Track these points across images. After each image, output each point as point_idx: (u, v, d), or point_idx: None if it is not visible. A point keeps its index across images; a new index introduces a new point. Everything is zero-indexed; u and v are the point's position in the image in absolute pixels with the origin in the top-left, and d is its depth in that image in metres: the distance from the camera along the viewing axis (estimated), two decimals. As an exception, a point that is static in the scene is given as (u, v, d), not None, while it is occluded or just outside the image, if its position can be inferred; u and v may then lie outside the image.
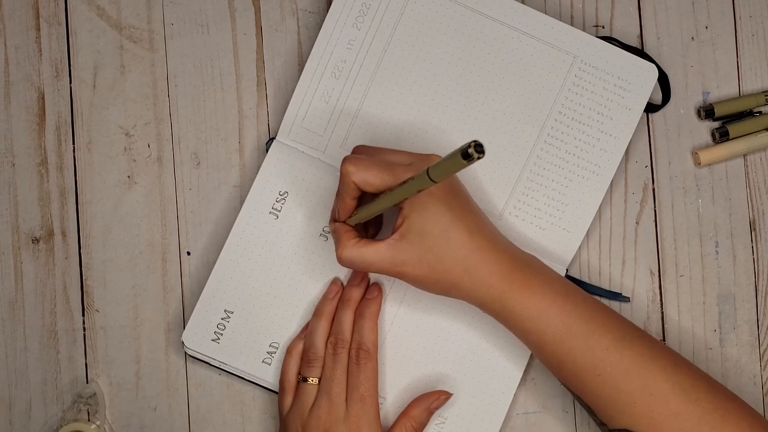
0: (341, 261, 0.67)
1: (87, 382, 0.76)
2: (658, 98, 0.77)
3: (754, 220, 0.77)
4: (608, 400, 0.65)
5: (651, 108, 0.77)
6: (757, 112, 0.77)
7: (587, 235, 0.76)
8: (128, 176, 0.77)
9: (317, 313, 0.73)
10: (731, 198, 0.77)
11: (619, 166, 0.75)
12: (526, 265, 0.67)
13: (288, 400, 0.72)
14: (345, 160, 0.65)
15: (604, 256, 0.76)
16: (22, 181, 0.77)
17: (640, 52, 0.76)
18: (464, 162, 0.54)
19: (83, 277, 0.76)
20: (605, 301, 0.75)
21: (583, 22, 0.77)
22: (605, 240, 0.76)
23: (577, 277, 0.76)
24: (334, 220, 0.69)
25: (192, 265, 0.76)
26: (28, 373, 0.76)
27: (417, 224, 0.65)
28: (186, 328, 0.74)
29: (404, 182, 0.62)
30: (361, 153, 0.69)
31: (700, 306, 0.76)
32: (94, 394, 0.75)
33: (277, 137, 0.75)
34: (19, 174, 0.77)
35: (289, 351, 0.73)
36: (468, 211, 0.66)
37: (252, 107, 0.76)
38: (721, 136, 0.76)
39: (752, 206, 0.77)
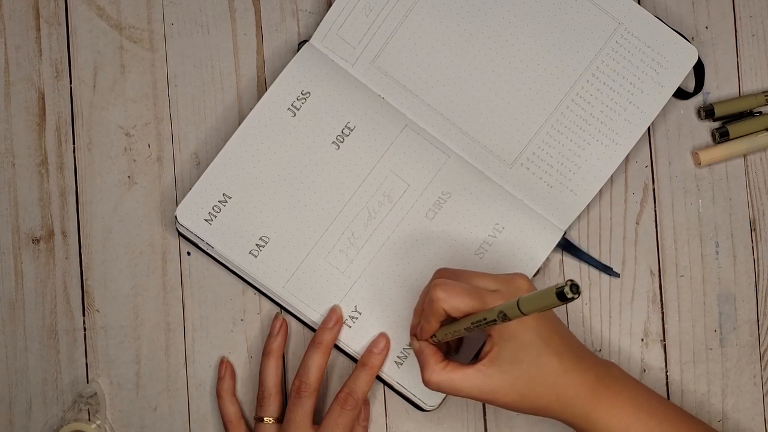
0: (429, 385, 0.67)
1: (87, 382, 0.76)
2: (690, 87, 0.77)
3: (754, 220, 0.77)
4: None
5: (680, 94, 0.77)
6: (757, 112, 0.77)
7: (587, 235, 0.76)
8: (128, 176, 0.77)
9: (265, 351, 0.74)
10: (731, 198, 0.77)
11: (619, 166, 0.75)
12: (611, 380, 0.67)
13: None
14: (435, 285, 0.65)
15: (605, 256, 0.76)
16: (22, 181, 0.77)
17: (681, 35, 0.76)
18: (558, 302, 0.53)
19: (83, 277, 0.76)
20: (596, 272, 0.76)
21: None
22: (605, 240, 0.76)
23: (575, 243, 0.76)
24: (414, 336, 0.70)
25: (192, 266, 0.76)
26: (29, 373, 0.76)
27: (508, 352, 0.65)
28: (181, 203, 0.74)
29: (491, 310, 0.61)
30: (446, 277, 0.68)
31: (701, 306, 0.76)
32: (95, 393, 0.75)
33: (310, 40, 0.75)
34: (19, 174, 0.77)
35: (219, 394, 0.75)
36: (555, 333, 0.67)
37: (252, 107, 0.76)
38: (721, 136, 0.76)
39: (752, 206, 0.77)
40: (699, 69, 0.77)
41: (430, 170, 0.74)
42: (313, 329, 0.74)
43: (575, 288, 0.53)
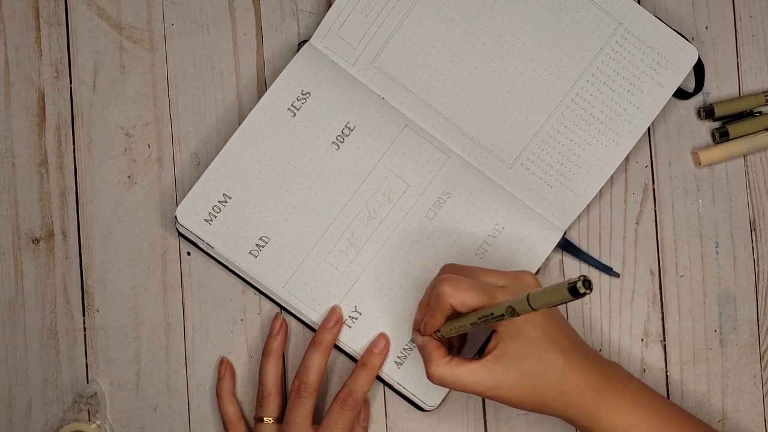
0: (432, 379, 0.66)
1: (87, 382, 0.76)
2: (690, 87, 0.77)
3: (754, 220, 0.77)
4: None
5: (680, 94, 0.77)
6: (757, 113, 0.77)
7: (587, 235, 0.76)
8: (128, 176, 0.77)
9: (265, 351, 0.74)
10: (731, 198, 0.77)
11: (619, 166, 0.75)
12: (615, 380, 0.67)
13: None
14: (443, 280, 0.65)
15: (605, 256, 0.76)
16: (23, 181, 0.77)
17: (681, 35, 0.76)
18: (570, 297, 0.53)
19: (83, 277, 0.76)
20: (596, 272, 0.76)
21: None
22: (605, 240, 0.76)
23: (575, 243, 0.76)
24: (417, 331, 0.70)
25: (192, 266, 0.76)
26: (29, 373, 0.76)
27: (513, 348, 0.65)
28: (181, 203, 0.74)
29: (499, 305, 0.61)
30: (453, 272, 0.68)
31: (701, 306, 0.76)
32: (95, 393, 0.75)
33: (310, 40, 0.75)
34: (20, 174, 0.77)
35: (219, 394, 0.75)
36: (561, 331, 0.67)
37: (252, 107, 0.76)
38: (721, 136, 0.76)
39: (752, 206, 0.77)
40: (699, 69, 0.77)
41: (430, 170, 0.74)
42: (313, 329, 0.74)
43: (588, 283, 0.52)
